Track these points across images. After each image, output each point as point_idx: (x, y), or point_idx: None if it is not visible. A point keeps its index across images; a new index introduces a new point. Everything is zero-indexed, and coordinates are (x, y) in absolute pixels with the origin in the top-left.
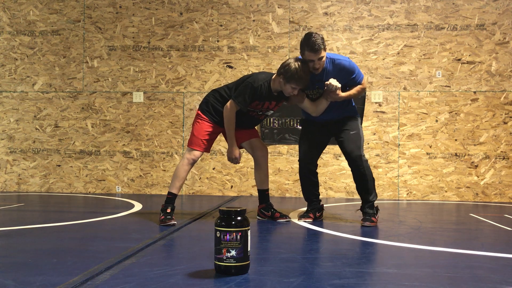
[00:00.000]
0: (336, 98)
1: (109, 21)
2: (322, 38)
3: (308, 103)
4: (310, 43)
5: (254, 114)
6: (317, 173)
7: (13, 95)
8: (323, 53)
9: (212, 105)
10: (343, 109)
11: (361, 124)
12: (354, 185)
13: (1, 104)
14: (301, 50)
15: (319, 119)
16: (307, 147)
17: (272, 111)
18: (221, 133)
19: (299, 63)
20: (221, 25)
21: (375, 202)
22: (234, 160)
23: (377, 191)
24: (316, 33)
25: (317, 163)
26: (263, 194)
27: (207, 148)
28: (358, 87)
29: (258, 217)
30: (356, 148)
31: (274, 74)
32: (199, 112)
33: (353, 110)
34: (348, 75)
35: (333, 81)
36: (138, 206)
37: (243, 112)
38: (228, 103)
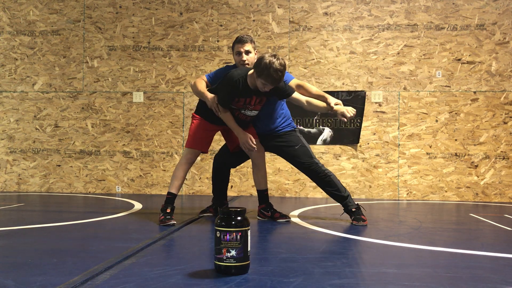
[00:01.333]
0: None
1: (109, 21)
2: (251, 38)
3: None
4: (239, 36)
5: (237, 114)
6: (228, 173)
7: (13, 95)
8: (249, 47)
9: (202, 105)
10: (277, 124)
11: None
12: (354, 185)
13: (1, 104)
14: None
15: (258, 130)
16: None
17: (255, 111)
18: (219, 133)
19: (272, 59)
20: (221, 25)
21: (357, 202)
22: (248, 144)
23: (377, 191)
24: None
25: (230, 167)
26: (262, 194)
27: (205, 148)
28: (307, 86)
29: (258, 217)
30: (310, 158)
31: (252, 69)
32: (194, 114)
33: (290, 124)
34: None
35: (350, 111)
36: (138, 206)
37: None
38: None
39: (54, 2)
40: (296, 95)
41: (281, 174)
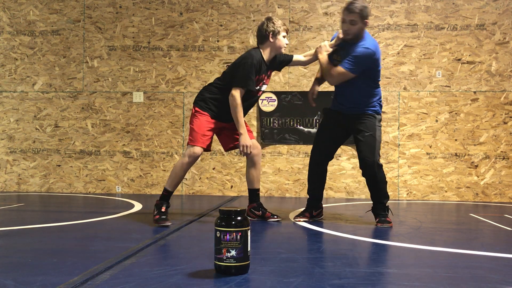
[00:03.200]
0: (318, 52)
1: (109, 21)
2: (365, 7)
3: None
4: (348, 3)
5: (253, 93)
6: (326, 170)
7: (13, 95)
8: (354, 17)
9: (210, 101)
10: (363, 103)
11: (380, 122)
12: (354, 185)
13: (1, 104)
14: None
15: (339, 107)
16: (321, 139)
17: (266, 85)
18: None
19: (268, 16)
20: (221, 25)
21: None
22: (247, 148)
23: None
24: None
25: (328, 159)
26: (254, 193)
27: (208, 145)
28: (335, 69)
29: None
30: (370, 154)
31: (258, 47)
32: (198, 109)
33: (373, 106)
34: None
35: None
36: (138, 206)
37: (248, 96)
38: (232, 92)
39: (54, 2)
40: (295, 57)
41: (281, 174)
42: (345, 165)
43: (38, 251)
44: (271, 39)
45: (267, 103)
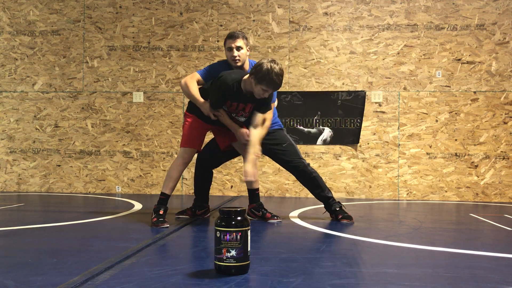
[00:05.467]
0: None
1: (109, 21)
2: (244, 34)
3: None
4: (231, 32)
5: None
6: (212, 173)
7: (13, 95)
8: (241, 42)
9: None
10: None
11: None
12: (354, 185)
13: (1, 104)
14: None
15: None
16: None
17: (244, 118)
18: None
19: (272, 64)
20: (221, 25)
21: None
22: (245, 138)
23: (377, 191)
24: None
25: (214, 167)
26: (253, 194)
27: (200, 146)
28: (267, 123)
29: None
30: (298, 158)
31: (247, 74)
32: (186, 112)
33: (277, 122)
34: (270, 96)
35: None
36: (138, 206)
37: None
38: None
39: (54, 2)
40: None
41: (281, 174)
42: (345, 165)
43: (38, 251)
44: (253, 79)
45: None
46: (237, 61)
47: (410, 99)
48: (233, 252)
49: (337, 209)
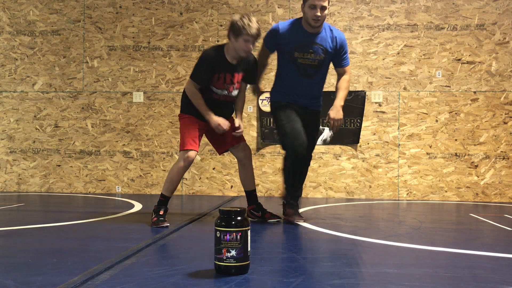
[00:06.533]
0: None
1: (109, 21)
2: None
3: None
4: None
5: (219, 97)
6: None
7: (13, 95)
8: (327, 5)
9: (189, 102)
10: (318, 99)
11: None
12: (354, 185)
13: (1, 104)
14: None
15: (300, 102)
16: (298, 127)
17: (236, 91)
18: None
19: (243, 15)
20: (221, 25)
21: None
22: (219, 127)
23: (377, 191)
24: None
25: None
26: (251, 195)
27: (198, 146)
28: (345, 82)
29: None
30: (311, 150)
31: (224, 44)
32: (182, 113)
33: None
34: (341, 51)
35: (334, 114)
36: (138, 206)
37: (212, 99)
38: (186, 85)
39: (54, 2)
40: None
41: (281, 174)
42: (345, 165)
43: (38, 251)
44: (232, 38)
45: (267, 103)
46: (318, 21)
47: (410, 99)
48: (233, 252)
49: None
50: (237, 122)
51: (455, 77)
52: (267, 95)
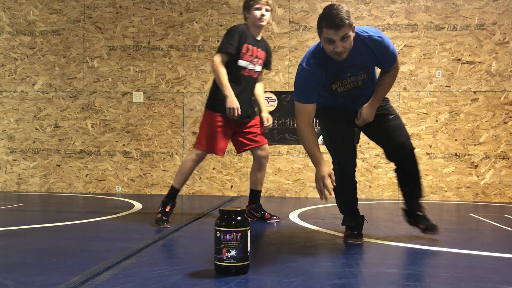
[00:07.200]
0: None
1: (109, 21)
2: (348, 12)
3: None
4: (330, 16)
5: (246, 72)
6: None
7: (13, 95)
8: (348, 31)
9: (219, 98)
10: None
11: None
12: None
13: (1, 104)
14: (318, 29)
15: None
16: (347, 141)
17: (260, 66)
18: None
19: None
20: (221, 25)
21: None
22: (233, 110)
23: (377, 191)
24: (340, 4)
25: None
26: (256, 195)
27: (222, 151)
28: (390, 78)
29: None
30: (407, 139)
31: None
32: (208, 109)
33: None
34: (383, 57)
35: (367, 116)
36: (138, 206)
37: (239, 78)
38: (213, 58)
39: (54, 2)
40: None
41: (281, 174)
42: None
43: (38, 251)
44: (246, 14)
45: (267, 103)
46: (341, 54)
47: (410, 99)
48: (233, 252)
49: (422, 214)
50: (265, 115)
51: (455, 77)
52: (268, 95)
